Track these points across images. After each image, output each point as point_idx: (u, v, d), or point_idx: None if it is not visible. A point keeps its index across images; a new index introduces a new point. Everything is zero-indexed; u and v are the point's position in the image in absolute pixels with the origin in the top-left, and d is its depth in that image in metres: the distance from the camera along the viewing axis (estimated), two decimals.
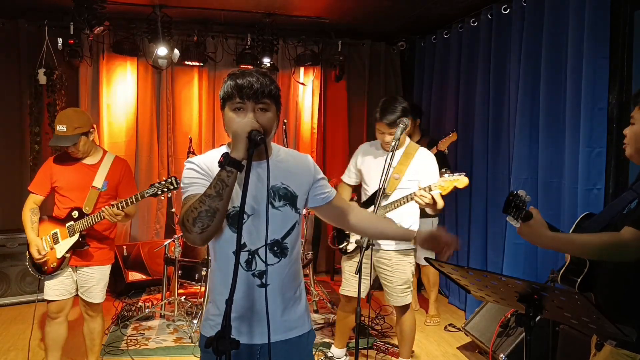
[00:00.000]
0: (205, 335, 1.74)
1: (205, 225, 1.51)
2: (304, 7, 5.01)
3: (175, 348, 3.91)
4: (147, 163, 5.70)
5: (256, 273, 1.68)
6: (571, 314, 1.63)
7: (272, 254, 1.69)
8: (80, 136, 2.97)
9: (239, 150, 1.52)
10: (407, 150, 3.20)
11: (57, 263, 3.03)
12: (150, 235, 5.71)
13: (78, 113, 3.11)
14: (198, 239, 1.55)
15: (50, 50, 5.06)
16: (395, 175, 3.14)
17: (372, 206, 3.07)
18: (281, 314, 1.73)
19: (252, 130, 1.52)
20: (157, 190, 2.98)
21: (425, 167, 3.16)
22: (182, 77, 5.72)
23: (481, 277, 1.72)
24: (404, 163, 3.16)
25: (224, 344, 1.33)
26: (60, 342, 3.16)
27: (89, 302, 3.14)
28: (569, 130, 3.55)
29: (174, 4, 4.81)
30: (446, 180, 2.86)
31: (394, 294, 3.26)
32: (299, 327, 1.78)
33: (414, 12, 5.01)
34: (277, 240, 1.70)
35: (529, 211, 1.76)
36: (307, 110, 6.07)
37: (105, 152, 3.20)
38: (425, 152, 3.24)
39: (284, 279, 1.73)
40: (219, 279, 1.74)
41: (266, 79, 1.65)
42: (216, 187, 1.51)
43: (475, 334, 3.76)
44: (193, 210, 1.52)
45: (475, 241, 4.73)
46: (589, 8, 3.38)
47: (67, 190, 3.06)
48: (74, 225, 3.03)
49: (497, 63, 4.40)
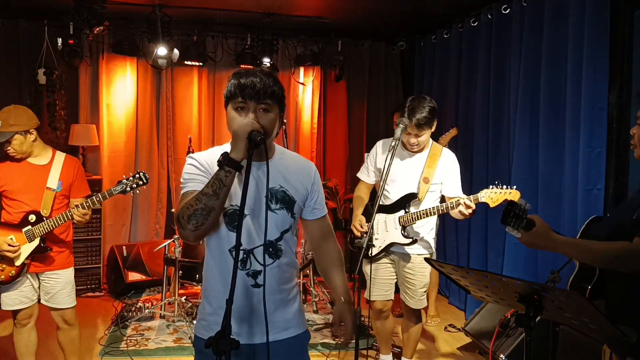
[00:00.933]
0: (199, 336, 1.74)
1: (199, 223, 1.53)
2: (303, 7, 5.01)
3: (175, 349, 3.91)
4: (147, 163, 5.69)
5: (250, 273, 1.69)
6: (571, 315, 1.63)
7: (267, 255, 1.69)
8: (14, 134, 2.80)
9: (238, 150, 1.52)
10: (432, 152, 3.05)
11: (15, 271, 2.85)
12: (150, 235, 5.71)
13: (18, 110, 2.90)
14: (191, 236, 1.57)
15: (50, 50, 5.05)
16: (425, 179, 3.00)
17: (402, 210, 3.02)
18: (274, 315, 1.71)
19: (252, 130, 1.52)
20: (125, 187, 2.82)
21: (451, 171, 3.04)
22: (182, 77, 5.71)
23: (481, 278, 1.72)
24: (431, 166, 3.02)
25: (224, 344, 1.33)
26: (32, 347, 3.06)
27: (58, 308, 3.00)
28: (569, 130, 3.55)
29: (173, 4, 4.80)
30: (496, 192, 2.70)
31: (415, 296, 3.18)
32: (293, 327, 1.78)
33: (414, 12, 5.00)
34: (272, 242, 1.71)
35: (530, 219, 1.69)
36: (307, 110, 6.07)
37: (55, 151, 3.03)
38: (450, 154, 3.11)
39: (277, 280, 1.73)
40: (214, 276, 1.73)
41: (270, 79, 1.64)
42: (213, 186, 1.52)
43: (475, 335, 3.76)
44: (189, 207, 1.53)
45: (475, 241, 4.73)
46: (589, 8, 3.38)
47: (17, 193, 2.87)
48: (33, 229, 2.84)
49: (497, 63, 4.40)
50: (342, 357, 3.85)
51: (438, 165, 3.02)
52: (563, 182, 3.64)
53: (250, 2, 4.82)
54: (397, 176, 3.05)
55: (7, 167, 2.91)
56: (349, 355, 3.85)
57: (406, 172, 3.04)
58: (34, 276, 2.97)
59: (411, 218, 2.99)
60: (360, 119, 6.21)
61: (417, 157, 3.07)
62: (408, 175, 3.04)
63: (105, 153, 5.50)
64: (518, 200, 1.69)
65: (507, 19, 4.26)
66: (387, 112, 6.11)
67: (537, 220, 1.70)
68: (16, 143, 2.83)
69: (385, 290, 3.22)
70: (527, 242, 1.72)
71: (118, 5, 4.66)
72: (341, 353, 3.89)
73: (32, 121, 2.90)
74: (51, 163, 2.97)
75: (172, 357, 3.80)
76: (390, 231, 3.07)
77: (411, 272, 3.15)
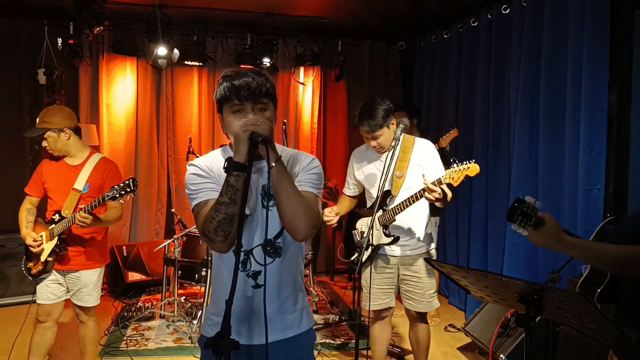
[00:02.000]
0: (205, 335, 1.75)
1: (227, 233, 1.54)
2: (303, 7, 5.01)
3: (175, 348, 3.91)
4: (147, 163, 5.70)
5: (250, 274, 1.69)
6: (571, 314, 1.63)
7: (266, 254, 1.69)
8: (48, 131, 2.89)
9: (241, 153, 1.52)
10: (404, 145, 2.95)
11: (41, 266, 2.96)
12: (150, 235, 5.71)
13: (57, 109, 3.00)
14: (224, 247, 1.58)
15: (50, 50, 5.06)
16: (398, 174, 2.92)
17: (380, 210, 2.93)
18: (277, 314, 1.71)
19: (253, 132, 1.52)
20: (115, 193, 2.79)
21: (427, 158, 2.92)
22: (182, 77, 5.72)
23: (481, 278, 1.72)
24: (404, 159, 2.93)
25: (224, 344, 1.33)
26: (44, 347, 3.09)
27: (79, 305, 3.08)
28: (569, 130, 3.55)
29: (173, 4, 4.80)
30: (456, 170, 2.63)
31: (424, 300, 2.99)
32: (296, 326, 1.77)
33: (414, 12, 5.01)
34: (270, 240, 1.70)
35: (540, 217, 1.60)
36: (307, 110, 6.07)
37: (93, 152, 3.08)
38: (424, 142, 3.00)
39: (279, 279, 1.72)
40: (218, 277, 1.76)
41: (261, 77, 1.64)
42: (228, 194, 1.52)
43: (475, 335, 3.76)
44: (211, 221, 1.54)
45: (475, 241, 4.72)
46: (589, 8, 3.38)
47: (52, 191, 3.00)
48: (54, 228, 2.93)
49: (497, 63, 4.40)
50: (341, 356, 3.85)
51: (412, 156, 2.93)
52: (563, 182, 3.64)
53: (250, 2, 4.82)
54: (374, 178, 3.02)
55: (48, 165, 3.04)
56: (349, 355, 3.85)
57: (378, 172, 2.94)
58: (62, 273, 3.04)
59: (389, 216, 2.90)
60: None
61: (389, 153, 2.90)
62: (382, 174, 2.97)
63: (105, 153, 5.49)
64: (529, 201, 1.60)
65: (507, 19, 4.26)
66: None
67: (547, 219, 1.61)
68: (51, 140, 2.93)
69: (384, 299, 3.05)
70: (536, 241, 1.62)
71: (118, 5, 4.67)
72: (341, 353, 3.89)
73: (66, 121, 2.96)
74: (84, 164, 3.01)
75: (172, 357, 3.80)
76: (375, 233, 2.96)
77: (417, 276, 2.99)
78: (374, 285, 3.01)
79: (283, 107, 5.97)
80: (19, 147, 5.24)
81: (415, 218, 2.98)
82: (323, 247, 6.13)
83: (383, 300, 3.05)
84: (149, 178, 5.71)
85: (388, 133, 2.90)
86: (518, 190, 3.93)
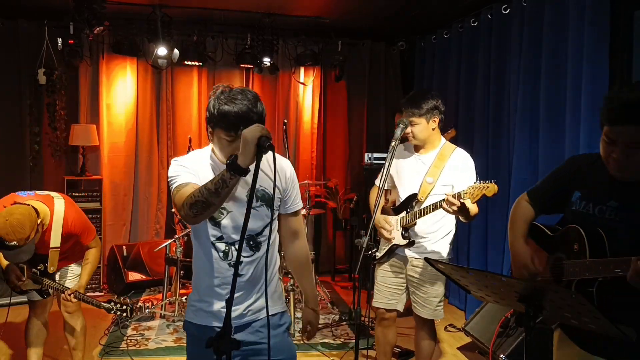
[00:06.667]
0: (188, 320, 1.93)
1: (198, 213, 1.66)
2: (303, 7, 5.01)
3: (175, 348, 3.91)
4: (147, 163, 5.70)
5: (232, 263, 1.83)
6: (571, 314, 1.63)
7: (247, 247, 1.84)
8: (32, 243, 2.76)
9: (247, 155, 1.55)
10: (441, 152, 2.91)
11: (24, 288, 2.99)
12: (150, 235, 5.71)
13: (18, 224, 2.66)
14: (191, 220, 1.73)
15: (50, 51, 5.06)
16: (429, 179, 2.86)
17: (404, 211, 2.93)
18: (252, 302, 1.88)
19: (261, 136, 1.55)
20: (112, 306, 2.95)
21: (460, 171, 2.85)
22: (182, 77, 5.72)
23: (481, 277, 1.72)
24: (438, 166, 2.88)
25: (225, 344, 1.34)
26: (42, 338, 3.18)
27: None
28: (569, 131, 3.55)
29: (173, 4, 4.80)
30: (474, 187, 2.61)
31: (429, 306, 2.94)
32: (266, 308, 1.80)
33: (414, 12, 5.01)
34: (252, 236, 1.85)
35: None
36: (307, 110, 6.07)
37: (51, 203, 2.90)
38: (462, 154, 2.92)
39: (256, 271, 1.86)
40: (199, 265, 1.89)
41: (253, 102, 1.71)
42: (216, 185, 1.60)
43: (475, 334, 3.76)
44: (192, 197, 1.65)
45: (475, 241, 4.73)
46: (589, 8, 3.38)
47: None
48: (37, 277, 2.93)
49: (497, 63, 4.40)
50: (342, 357, 3.85)
51: (445, 165, 2.88)
52: None
53: (250, 2, 4.82)
54: (404, 177, 2.99)
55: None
56: (349, 355, 3.85)
57: (412, 173, 2.95)
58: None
59: (410, 219, 2.90)
60: (360, 119, 6.21)
61: (424, 157, 2.95)
62: (413, 176, 2.95)
63: (105, 153, 5.50)
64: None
65: (507, 19, 4.26)
66: (387, 112, 6.12)
67: None
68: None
69: (390, 299, 3.02)
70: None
71: (118, 5, 4.67)
72: (341, 353, 3.89)
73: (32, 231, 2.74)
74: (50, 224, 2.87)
75: (172, 356, 3.80)
76: (395, 233, 2.98)
77: (418, 279, 2.95)
78: (384, 283, 3.04)
79: (283, 107, 5.98)
80: (19, 147, 5.24)
81: (437, 227, 2.93)
82: (324, 247, 6.13)
83: (389, 300, 3.03)
84: (149, 178, 5.71)
85: (425, 127, 2.86)
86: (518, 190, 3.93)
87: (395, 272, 3.02)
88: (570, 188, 1.86)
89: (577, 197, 1.82)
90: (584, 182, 1.82)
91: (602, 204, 1.74)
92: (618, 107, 1.61)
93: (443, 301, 3.01)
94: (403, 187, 3.00)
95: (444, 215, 2.86)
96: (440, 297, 2.97)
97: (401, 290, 3.02)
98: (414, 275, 2.97)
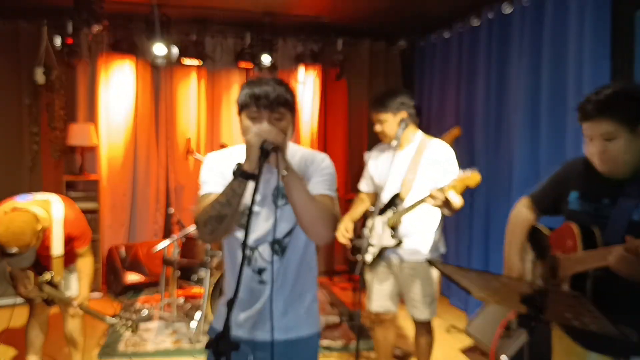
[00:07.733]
0: (213, 325, 1.85)
1: (214, 229, 1.60)
2: (303, 6, 5.00)
3: (174, 350, 3.89)
4: (146, 163, 5.68)
5: (256, 270, 1.73)
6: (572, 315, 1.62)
7: (272, 252, 1.72)
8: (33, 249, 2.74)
9: (251, 161, 1.53)
10: (418, 147, 2.87)
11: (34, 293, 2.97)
12: (148, 235, 5.69)
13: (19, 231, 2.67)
14: (208, 239, 1.66)
15: (49, 50, 5.04)
16: (409, 176, 2.84)
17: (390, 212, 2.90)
18: (282, 313, 1.73)
19: (264, 140, 1.52)
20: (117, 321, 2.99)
21: (439, 162, 2.81)
22: (181, 77, 5.70)
23: (482, 278, 1.71)
24: (417, 160, 2.84)
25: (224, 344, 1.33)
26: (42, 339, 3.18)
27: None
28: (570, 130, 3.54)
29: (172, 3, 4.79)
30: (456, 179, 2.58)
31: (421, 306, 2.93)
32: (299, 328, 1.77)
33: (414, 12, 5.00)
34: (277, 239, 1.72)
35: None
36: (307, 110, 6.06)
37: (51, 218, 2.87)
38: (439, 145, 2.88)
39: (285, 278, 1.74)
40: (227, 270, 1.84)
41: (282, 87, 1.69)
42: (227, 195, 1.57)
43: (477, 335, 3.75)
44: (204, 213, 1.61)
45: (476, 241, 4.71)
46: (589, 8, 3.37)
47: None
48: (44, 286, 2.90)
49: (498, 63, 4.39)
50: (342, 357, 3.84)
51: (422, 159, 2.84)
52: None
53: (249, 2, 4.81)
54: (385, 177, 2.94)
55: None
56: (349, 355, 3.83)
57: (394, 172, 2.90)
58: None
59: (395, 219, 2.86)
60: (360, 119, 6.19)
61: (401, 154, 2.90)
62: (395, 175, 2.90)
63: (103, 153, 5.49)
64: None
65: (508, 19, 4.25)
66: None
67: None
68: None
69: (385, 302, 3.00)
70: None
71: (117, 4, 4.65)
72: (342, 355, 3.88)
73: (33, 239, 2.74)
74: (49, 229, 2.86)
75: (170, 358, 3.78)
76: (382, 235, 2.94)
77: (409, 280, 2.93)
78: (378, 287, 3.01)
79: None
80: (17, 147, 5.22)
81: (422, 223, 2.91)
82: (322, 248, 6.12)
83: (383, 303, 3.01)
84: (148, 178, 5.69)
85: (393, 122, 2.84)
86: (520, 190, 3.92)
87: (386, 275, 3.00)
88: (568, 189, 1.91)
89: (575, 198, 1.88)
90: (581, 182, 1.88)
91: (597, 203, 1.80)
92: (586, 103, 1.71)
93: (436, 300, 2.99)
94: (386, 187, 2.94)
95: (427, 212, 2.83)
96: (432, 295, 2.95)
97: (393, 293, 3.00)
98: (404, 276, 2.95)
